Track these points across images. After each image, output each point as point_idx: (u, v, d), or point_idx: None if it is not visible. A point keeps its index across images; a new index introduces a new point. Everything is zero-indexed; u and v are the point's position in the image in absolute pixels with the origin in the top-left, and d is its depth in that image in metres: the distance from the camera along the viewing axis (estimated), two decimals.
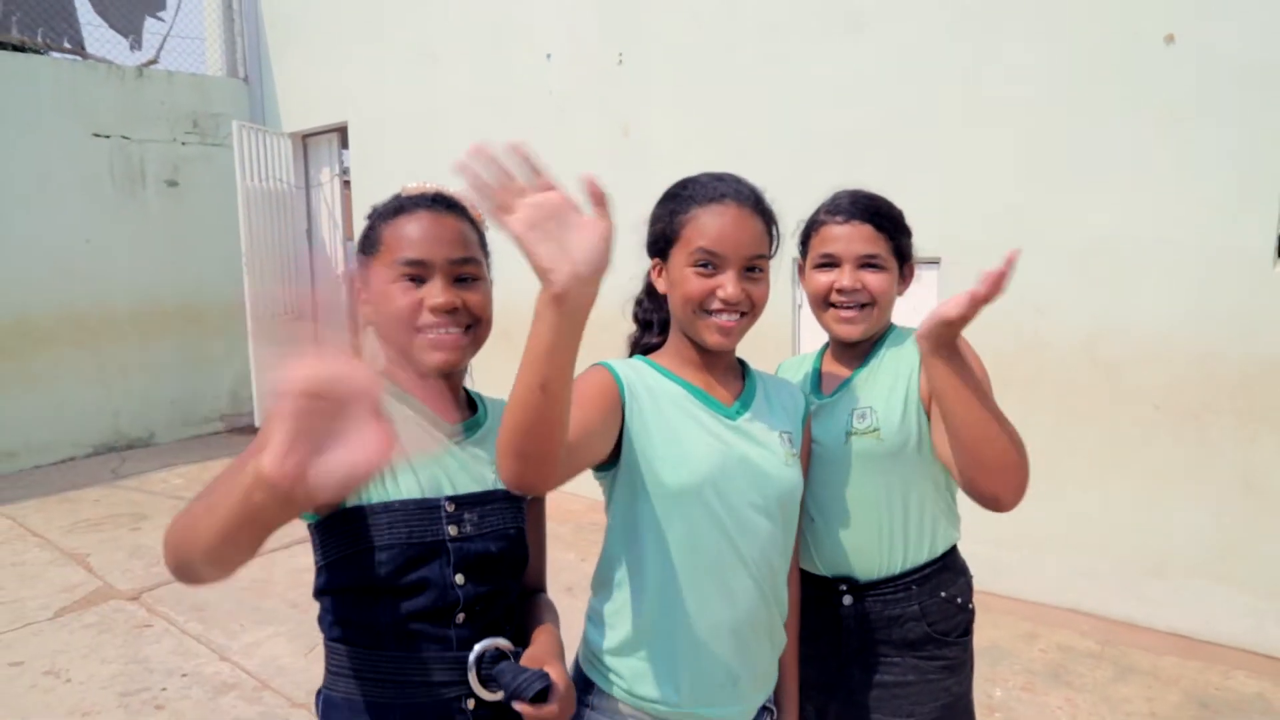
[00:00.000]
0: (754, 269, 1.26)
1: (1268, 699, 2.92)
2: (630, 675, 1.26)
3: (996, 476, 1.28)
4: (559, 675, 1.15)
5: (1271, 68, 2.97)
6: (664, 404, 1.26)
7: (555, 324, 0.91)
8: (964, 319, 1.23)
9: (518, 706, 1.10)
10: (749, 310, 1.27)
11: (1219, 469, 3.18)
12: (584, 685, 1.31)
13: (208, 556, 0.86)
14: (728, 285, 1.23)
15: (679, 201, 1.28)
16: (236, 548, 0.85)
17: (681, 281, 1.25)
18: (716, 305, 1.24)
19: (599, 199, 0.94)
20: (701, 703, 1.26)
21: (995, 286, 1.18)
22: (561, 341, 0.92)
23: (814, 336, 1.63)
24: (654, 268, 1.33)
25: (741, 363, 1.42)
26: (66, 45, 7.36)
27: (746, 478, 1.26)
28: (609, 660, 1.28)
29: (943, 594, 1.49)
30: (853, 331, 1.50)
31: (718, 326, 1.25)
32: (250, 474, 0.76)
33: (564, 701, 1.14)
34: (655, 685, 1.25)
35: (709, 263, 1.24)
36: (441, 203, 1.24)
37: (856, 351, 1.57)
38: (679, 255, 1.26)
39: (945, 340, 1.27)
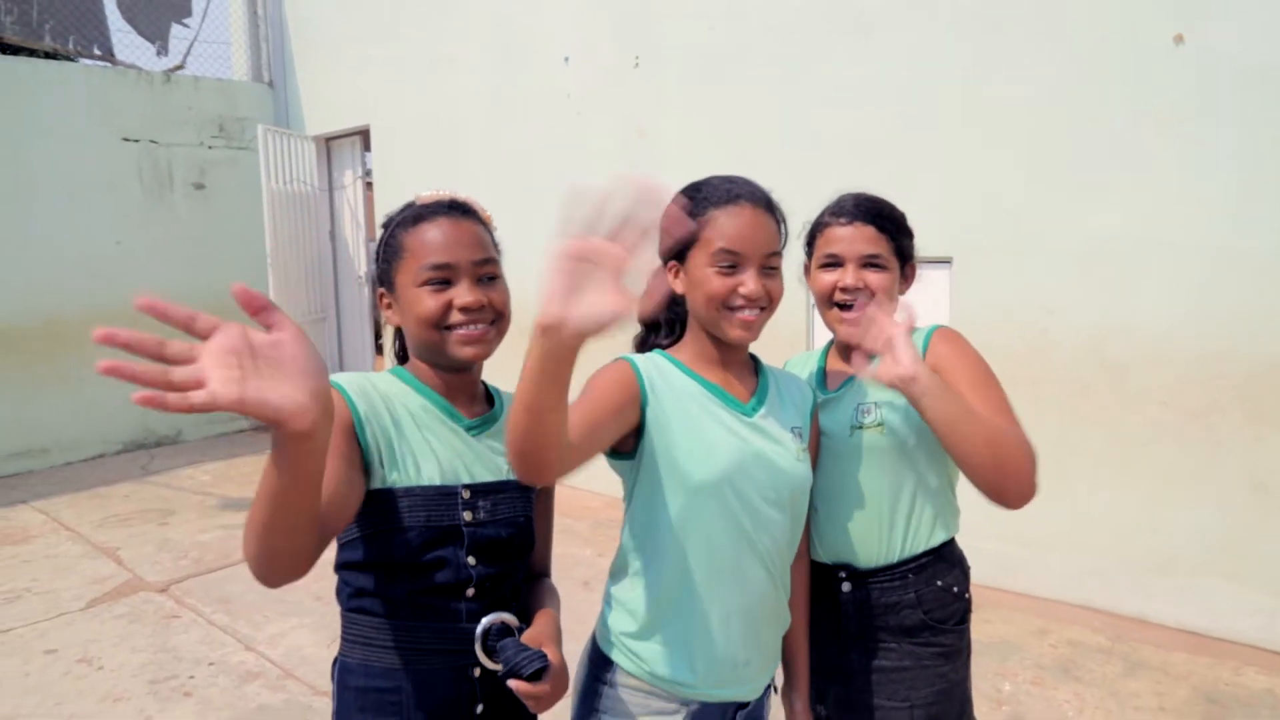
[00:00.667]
0: (770, 265, 1.32)
1: (1278, 695, 2.93)
2: (649, 657, 1.32)
3: (1002, 480, 1.34)
4: (555, 657, 1.23)
5: (1273, 69, 2.99)
6: (685, 401, 1.31)
7: (537, 353, 0.93)
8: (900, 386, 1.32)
9: (512, 684, 1.17)
10: (767, 305, 1.33)
11: (1226, 467, 3.20)
12: (603, 663, 1.37)
13: (276, 525, 0.94)
14: (749, 282, 1.29)
15: (694, 204, 1.33)
16: (294, 483, 0.92)
17: (703, 281, 1.30)
18: (739, 302, 1.30)
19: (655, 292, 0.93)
20: (715, 684, 1.33)
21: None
22: (543, 371, 0.94)
23: (827, 332, 1.69)
24: (670, 269, 1.38)
25: (754, 358, 1.47)
26: (97, 52, 7.53)
27: (763, 473, 1.32)
28: (627, 642, 1.34)
29: (939, 583, 1.54)
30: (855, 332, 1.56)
31: (741, 322, 1.30)
32: (269, 462, 0.89)
33: (556, 681, 1.21)
34: (672, 667, 1.31)
35: (730, 262, 1.29)
36: (457, 209, 1.31)
37: (861, 350, 1.62)
38: (699, 256, 1.31)
39: (900, 384, 1.32)
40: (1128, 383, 3.39)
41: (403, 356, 1.41)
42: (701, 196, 1.33)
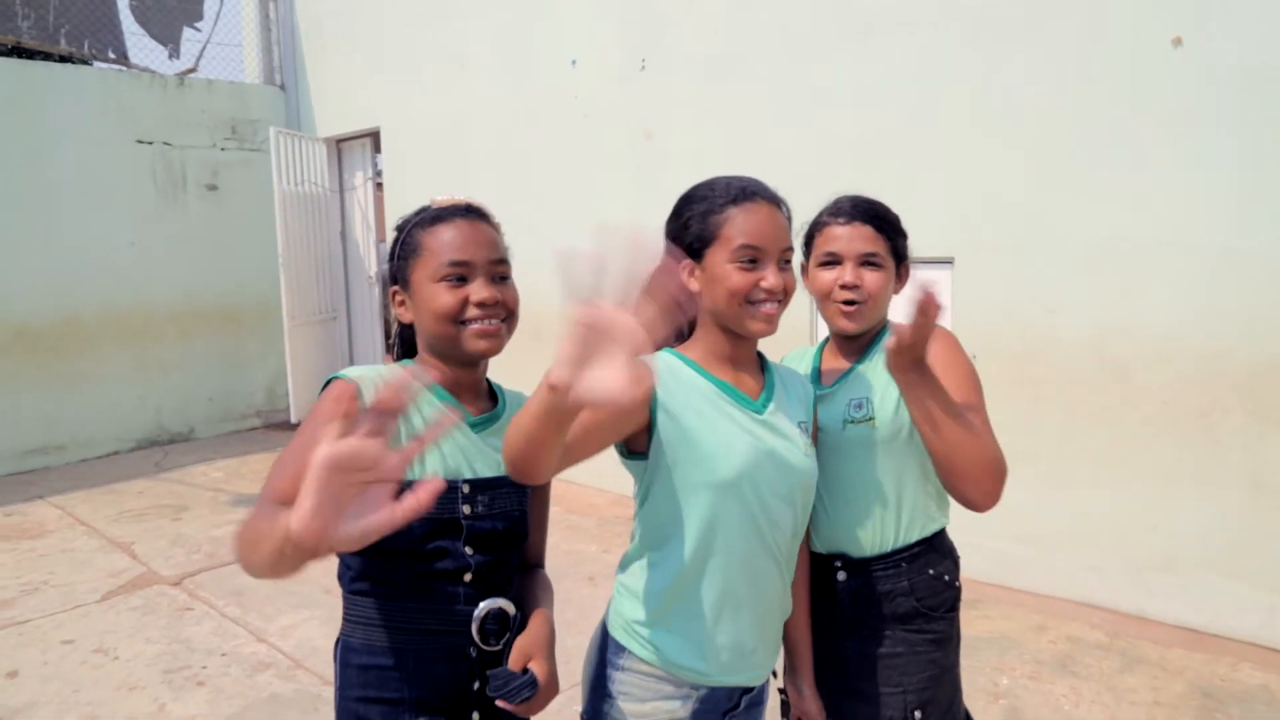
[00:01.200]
0: (786, 260, 1.37)
1: (1272, 690, 2.96)
2: (660, 644, 1.36)
3: (969, 484, 1.40)
4: (543, 672, 1.30)
5: (1274, 70, 3.02)
6: (698, 400, 1.34)
7: (544, 401, 0.97)
8: (913, 345, 1.30)
9: (500, 702, 1.26)
10: (784, 298, 1.36)
11: (1227, 466, 3.23)
12: (614, 649, 1.41)
13: (262, 575, 1.01)
14: (769, 276, 1.32)
15: (710, 203, 1.36)
16: (280, 573, 0.97)
17: (724, 277, 1.33)
18: (761, 296, 1.33)
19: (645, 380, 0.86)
20: (723, 671, 1.37)
21: (928, 313, 1.26)
22: (547, 418, 0.98)
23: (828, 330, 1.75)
24: (684, 268, 1.40)
25: (759, 355, 1.51)
26: (111, 56, 7.63)
27: (775, 470, 1.35)
28: (639, 629, 1.38)
29: (930, 571, 1.59)
30: (851, 325, 1.61)
31: (764, 315, 1.33)
32: (281, 529, 0.86)
33: (544, 696, 1.30)
34: (683, 654, 1.35)
35: (751, 257, 1.32)
36: (473, 212, 1.38)
37: (855, 346, 1.66)
38: (718, 253, 1.34)
39: (904, 366, 1.34)
40: (1129, 382, 3.42)
41: (401, 353, 1.47)
42: (716, 195, 1.37)
